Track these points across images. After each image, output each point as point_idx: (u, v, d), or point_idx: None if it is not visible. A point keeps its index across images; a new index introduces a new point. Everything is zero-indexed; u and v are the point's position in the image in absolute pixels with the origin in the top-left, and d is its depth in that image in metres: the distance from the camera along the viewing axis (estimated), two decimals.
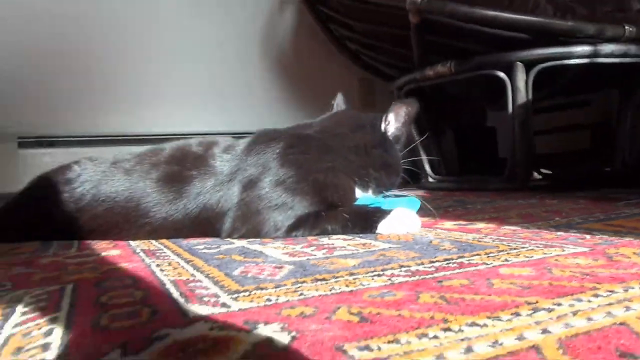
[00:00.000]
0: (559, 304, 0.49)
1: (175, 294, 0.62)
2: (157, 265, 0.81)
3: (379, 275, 0.65)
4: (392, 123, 1.17)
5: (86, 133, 2.15)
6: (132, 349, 0.43)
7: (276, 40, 2.52)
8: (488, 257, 0.73)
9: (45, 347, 0.45)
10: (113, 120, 2.20)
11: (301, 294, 0.58)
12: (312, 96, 1.23)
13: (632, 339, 0.39)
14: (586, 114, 2.50)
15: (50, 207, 1.16)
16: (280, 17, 2.52)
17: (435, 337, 0.42)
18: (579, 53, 1.71)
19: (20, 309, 0.59)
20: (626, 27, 1.69)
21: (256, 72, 2.47)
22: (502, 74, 1.80)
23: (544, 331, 0.42)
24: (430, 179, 2.19)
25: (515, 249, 0.78)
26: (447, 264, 0.70)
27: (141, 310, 0.55)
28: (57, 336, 0.48)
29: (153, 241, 1.08)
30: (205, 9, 2.36)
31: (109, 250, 1.00)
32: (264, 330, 0.46)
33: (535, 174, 1.92)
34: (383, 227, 0.99)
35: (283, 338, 0.44)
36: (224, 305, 0.56)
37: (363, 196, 1.13)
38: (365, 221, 1.00)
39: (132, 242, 1.08)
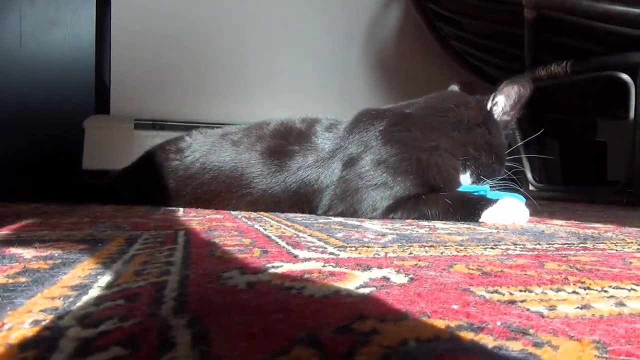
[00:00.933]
0: None
1: (282, 243, 0.63)
2: (260, 226, 0.83)
3: (492, 248, 0.61)
4: (500, 103, 1.09)
5: (193, 120, 2.29)
6: (250, 270, 0.44)
7: (379, 37, 2.51)
8: (616, 245, 0.66)
9: (168, 263, 0.47)
10: (219, 108, 2.32)
11: (411, 253, 0.56)
12: (411, 95, 1.20)
13: None
14: None
15: (162, 173, 1.24)
16: (386, 13, 2.52)
17: (575, 292, 0.38)
18: None
19: (140, 241, 0.63)
20: None
21: (357, 67, 2.48)
22: (625, 76, 1.64)
23: None
24: (531, 187, 2.05)
25: None
26: (569, 246, 0.64)
27: (252, 249, 0.56)
28: (178, 258, 0.50)
29: (252, 213, 1.11)
30: (311, 5, 2.42)
31: (212, 214, 1.04)
32: (379, 272, 0.44)
33: None
34: (488, 215, 0.93)
35: (400, 279, 0.42)
36: (332, 253, 0.55)
37: (465, 185, 1.08)
38: (469, 208, 0.95)
39: (232, 212, 1.12)
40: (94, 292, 0.36)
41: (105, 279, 0.40)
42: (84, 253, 0.52)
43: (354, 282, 0.40)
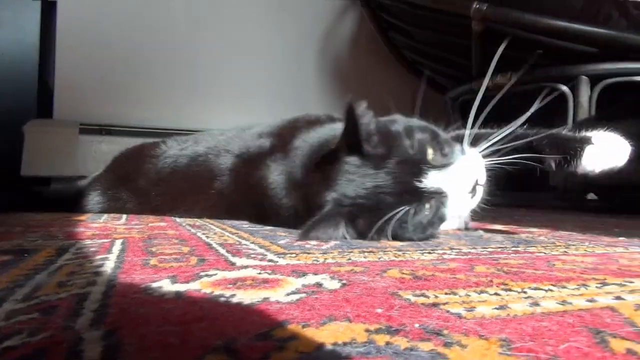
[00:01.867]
0: (631, 282, 0.45)
1: (222, 250, 0.62)
2: (203, 233, 0.81)
3: (429, 253, 0.63)
4: None
5: (141, 125, 2.23)
6: (181, 279, 0.43)
7: (335, 46, 2.53)
8: (545, 248, 0.69)
9: (97, 273, 0.46)
10: (168, 115, 2.27)
11: (350, 259, 0.57)
12: (367, 103, 1.22)
13: None
14: None
15: (136, 177, 1.21)
16: (341, 21, 2.54)
17: (497, 294, 0.39)
18: None
19: (72, 250, 0.60)
20: None
21: (312, 75, 2.49)
22: (565, 88, 1.73)
23: (618, 298, 0.39)
24: None
25: (573, 245, 0.74)
26: (502, 250, 0.67)
27: (189, 258, 0.55)
28: (108, 268, 0.49)
29: (197, 220, 1.09)
30: (266, 12, 2.42)
31: (155, 222, 1.02)
32: (313, 278, 0.45)
33: (591, 195, 1.82)
34: None
35: (333, 284, 0.42)
36: (271, 260, 0.55)
37: None
38: None
39: (177, 219, 1.10)
40: (8, 305, 0.34)
41: (23, 291, 0.38)
42: (8, 264, 0.49)
43: (286, 288, 0.40)
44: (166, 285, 0.41)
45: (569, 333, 0.29)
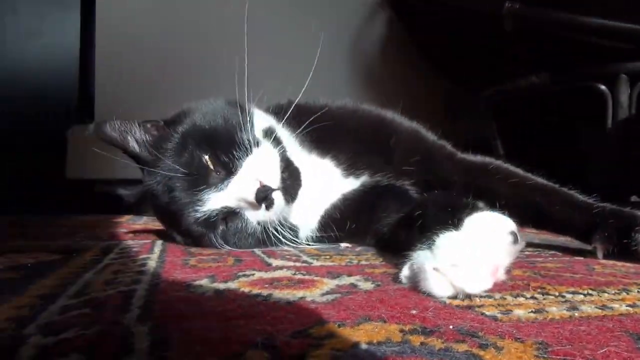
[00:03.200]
0: None
1: (258, 252, 0.63)
2: None
3: None
4: None
5: None
6: (220, 279, 0.45)
7: (364, 48, 2.53)
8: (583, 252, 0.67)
9: (140, 272, 0.48)
10: None
11: (382, 261, 0.57)
12: (397, 106, 1.20)
13: None
14: None
15: None
16: (370, 25, 2.54)
17: (534, 297, 0.39)
18: None
19: (116, 250, 0.63)
20: None
21: (342, 79, 2.49)
22: (603, 87, 1.68)
23: None
24: None
25: None
26: (538, 253, 0.66)
27: (227, 258, 0.57)
28: (151, 267, 0.51)
29: None
30: (295, 12, 2.43)
31: None
32: (347, 279, 0.45)
33: (635, 197, 1.75)
34: None
35: (367, 285, 0.43)
36: (305, 262, 0.56)
37: None
38: None
39: None
40: (62, 301, 0.36)
41: (74, 288, 0.41)
42: (58, 263, 0.52)
43: (321, 289, 0.41)
44: (206, 284, 0.42)
45: (608, 338, 0.29)
